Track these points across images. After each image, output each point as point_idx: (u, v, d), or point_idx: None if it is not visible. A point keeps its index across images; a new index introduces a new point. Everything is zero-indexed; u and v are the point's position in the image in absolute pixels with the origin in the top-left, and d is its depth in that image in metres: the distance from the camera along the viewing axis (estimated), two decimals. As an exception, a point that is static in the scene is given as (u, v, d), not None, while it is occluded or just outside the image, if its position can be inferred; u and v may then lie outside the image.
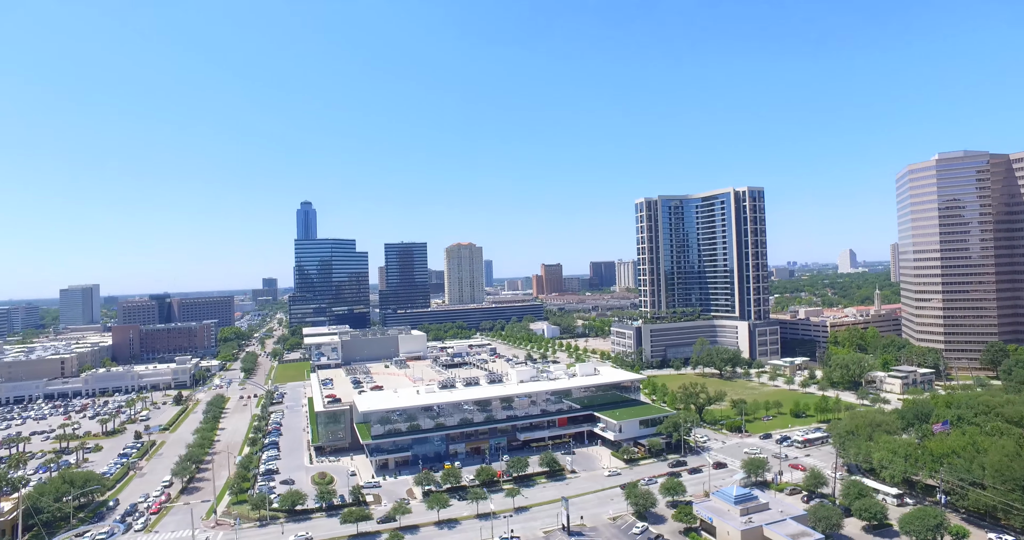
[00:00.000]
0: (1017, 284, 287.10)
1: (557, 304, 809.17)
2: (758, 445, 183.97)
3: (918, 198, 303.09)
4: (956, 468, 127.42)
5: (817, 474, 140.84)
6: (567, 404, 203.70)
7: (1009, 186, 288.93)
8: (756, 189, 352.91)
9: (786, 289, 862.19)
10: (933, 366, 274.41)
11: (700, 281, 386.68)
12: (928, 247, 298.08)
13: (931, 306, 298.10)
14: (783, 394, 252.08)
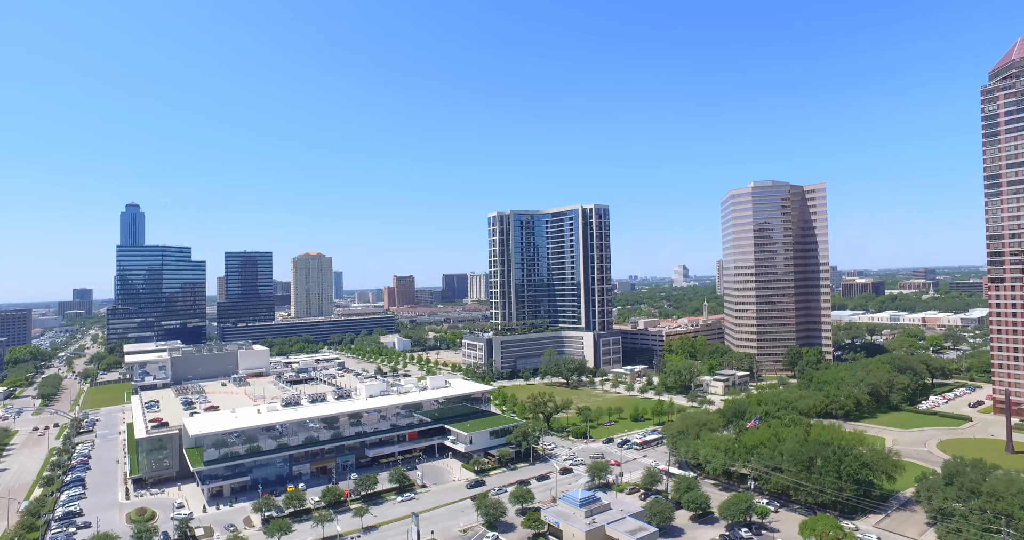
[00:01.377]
0: (810, 296, 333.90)
1: (409, 317, 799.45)
2: (602, 449, 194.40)
3: (738, 220, 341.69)
4: (762, 457, 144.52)
5: (653, 473, 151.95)
6: (418, 418, 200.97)
7: (803, 213, 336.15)
8: (602, 207, 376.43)
9: (628, 301, 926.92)
10: (749, 369, 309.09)
11: (549, 294, 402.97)
12: (745, 264, 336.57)
13: (747, 316, 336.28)
14: (624, 400, 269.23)
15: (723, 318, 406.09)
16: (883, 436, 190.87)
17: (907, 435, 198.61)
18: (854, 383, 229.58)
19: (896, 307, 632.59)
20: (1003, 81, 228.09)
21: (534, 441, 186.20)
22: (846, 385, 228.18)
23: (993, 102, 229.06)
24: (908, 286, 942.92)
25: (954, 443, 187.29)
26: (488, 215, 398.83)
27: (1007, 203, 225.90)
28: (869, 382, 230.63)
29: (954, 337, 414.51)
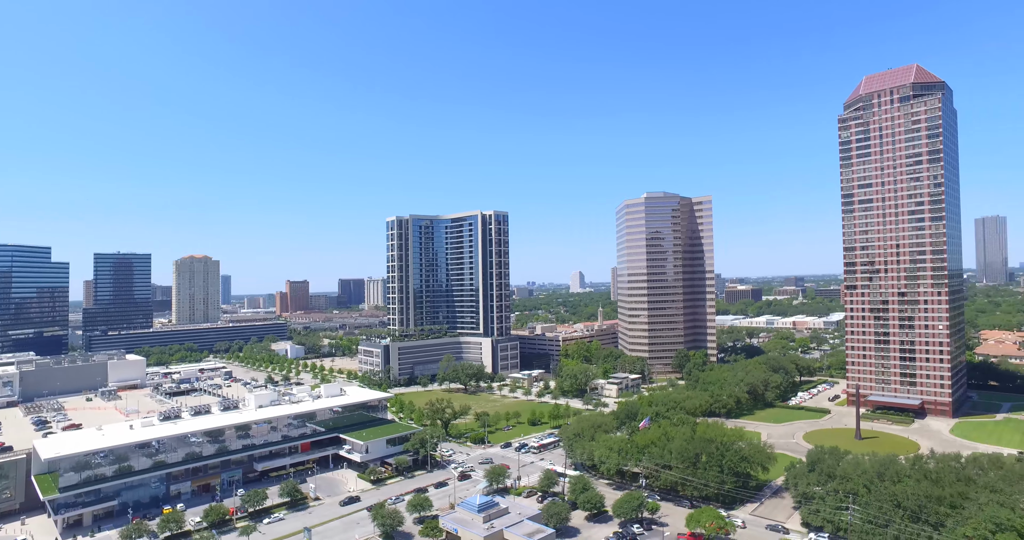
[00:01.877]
0: (697, 302, 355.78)
1: (303, 323, 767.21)
2: (500, 454, 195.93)
3: (632, 229, 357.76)
4: (653, 455, 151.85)
5: (550, 475, 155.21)
6: (311, 428, 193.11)
7: (691, 223, 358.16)
8: (501, 213, 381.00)
9: (526, 307, 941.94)
10: (641, 372, 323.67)
11: (448, 299, 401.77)
12: (638, 271, 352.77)
13: (640, 321, 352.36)
14: (522, 404, 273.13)
15: (617, 323, 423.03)
16: (759, 431, 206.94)
17: (779, 429, 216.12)
18: (735, 383, 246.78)
19: (771, 312, 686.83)
20: (854, 112, 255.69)
21: (432, 448, 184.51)
22: (728, 385, 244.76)
23: (847, 130, 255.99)
24: (781, 292, 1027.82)
25: (816, 434, 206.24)
26: (386, 219, 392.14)
27: (858, 219, 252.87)
28: (748, 382, 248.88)
29: (818, 338, 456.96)
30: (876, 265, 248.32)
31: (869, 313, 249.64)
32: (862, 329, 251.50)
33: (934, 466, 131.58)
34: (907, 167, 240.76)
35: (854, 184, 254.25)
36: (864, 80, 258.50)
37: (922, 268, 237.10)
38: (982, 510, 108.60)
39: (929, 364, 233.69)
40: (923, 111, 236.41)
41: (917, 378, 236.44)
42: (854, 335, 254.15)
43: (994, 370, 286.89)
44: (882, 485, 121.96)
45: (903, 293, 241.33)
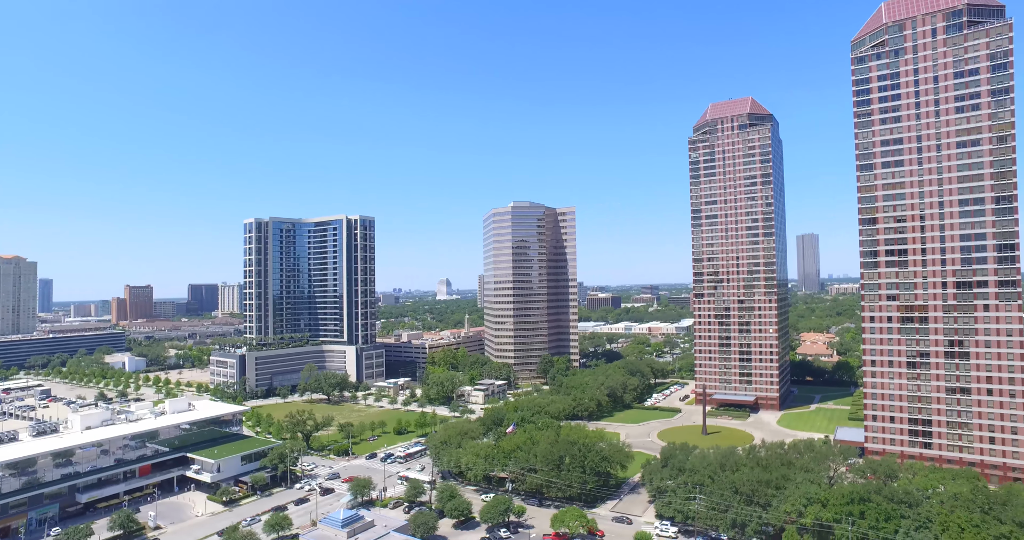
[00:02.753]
0: (560, 309, 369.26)
1: (145, 332, 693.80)
2: (365, 465, 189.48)
3: (499, 237, 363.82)
4: (519, 460, 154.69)
5: (416, 485, 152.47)
6: (153, 448, 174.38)
7: (556, 233, 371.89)
8: (368, 218, 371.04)
9: (392, 314, 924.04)
10: (507, 378, 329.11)
11: (310, 306, 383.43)
12: (505, 278, 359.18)
13: (506, 328, 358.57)
14: (388, 414, 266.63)
15: (484, 330, 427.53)
16: (619, 431, 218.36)
17: (636, 429, 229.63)
18: (596, 387, 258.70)
19: (629, 318, 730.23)
20: (701, 135, 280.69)
21: (292, 462, 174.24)
22: (590, 389, 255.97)
23: (696, 151, 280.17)
24: (639, 300, 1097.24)
25: (669, 432, 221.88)
26: (244, 221, 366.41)
27: (705, 233, 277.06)
28: (608, 385, 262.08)
29: (671, 343, 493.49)
30: (720, 275, 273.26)
31: (714, 319, 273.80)
32: (708, 333, 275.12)
33: (764, 454, 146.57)
34: (744, 188, 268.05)
35: (702, 201, 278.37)
36: (710, 107, 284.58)
37: (757, 278, 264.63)
38: (798, 488, 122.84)
39: (762, 364, 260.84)
40: (757, 139, 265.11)
41: (752, 377, 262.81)
42: (701, 339, 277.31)
43: (810, 367, 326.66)
44: (723, 475, 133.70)
45: (742, 301, 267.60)
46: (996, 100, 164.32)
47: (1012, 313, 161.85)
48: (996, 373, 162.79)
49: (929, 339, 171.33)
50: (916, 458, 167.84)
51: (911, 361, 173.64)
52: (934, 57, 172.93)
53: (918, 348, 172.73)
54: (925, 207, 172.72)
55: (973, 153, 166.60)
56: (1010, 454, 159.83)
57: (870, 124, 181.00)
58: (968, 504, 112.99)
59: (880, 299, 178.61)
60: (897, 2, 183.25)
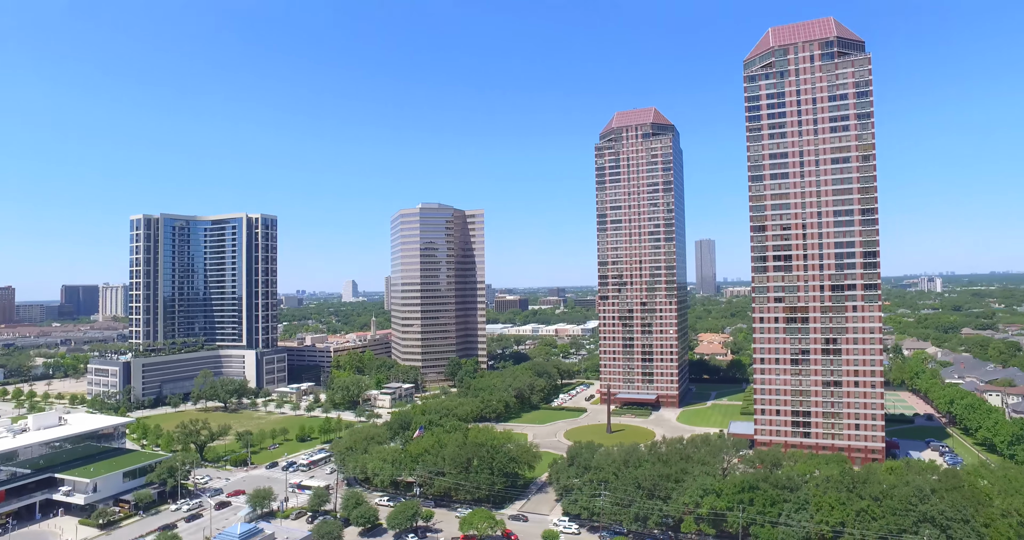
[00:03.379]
0: (468, 312, 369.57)
1: (5, 339, 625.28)
2: (265, 475, 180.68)
3: (407, 239, 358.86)
4: (427, 463, 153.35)
5: (321, 493, 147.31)
6: (9, 471, 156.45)
7: (464, 235, 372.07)
8: (270, 217, 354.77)
9: (295, 317, 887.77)
10: (414, 381, 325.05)
11: (206, 309, 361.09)
12: (412, 280, 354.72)
13: (413, 330, 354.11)
14: (290, 420, 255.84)
15: (391, 333, 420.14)
16: (526, 432, 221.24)
17: (544, 429, 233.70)
18: (504, 388, 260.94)
19: (537, 320, 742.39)
20: (607, 142, 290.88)
21: (184, 476, 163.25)
22: (498, 390, 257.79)
23: (602, 157, 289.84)
24: (546, 302, 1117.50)
25: (575, 431, 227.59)
26: (131, 217, 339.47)
27: (610, 237, 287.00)
28: (516, 386, 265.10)
29: (577, 344, 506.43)
30: (624, 278, 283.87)
31: (618, 320, 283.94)
32: (612, 335, 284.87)
33: (665, 450, 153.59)
34: (647, 194, 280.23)
35: (607, 206, 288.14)
36: (616, 115, 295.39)
37: (658, 281, 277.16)
38: (695, 480, 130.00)
39: (663, 364, 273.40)
40: (659, 147, 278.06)
41: (654, 376, 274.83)
42: (606, 340, 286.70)
43: (707, 365, 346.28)
44: (627, 471, 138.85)
45: (644, 303, 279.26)
46: (861, 123, 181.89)
47: (874, 313, 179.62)
48: (862, 367, 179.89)
49: (809, 337, 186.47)
50: (797, 447, 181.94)
51: (794, 358, 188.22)
52: (813, 81, 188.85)
53: (800, 346, 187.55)
54: (806, 217, 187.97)
55: (844, 169, 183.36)
56: (870, 438, 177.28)
57: (760, 138, 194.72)
58: (837, 485, 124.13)
59: (769, 301, 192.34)
60: (782, 29, 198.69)
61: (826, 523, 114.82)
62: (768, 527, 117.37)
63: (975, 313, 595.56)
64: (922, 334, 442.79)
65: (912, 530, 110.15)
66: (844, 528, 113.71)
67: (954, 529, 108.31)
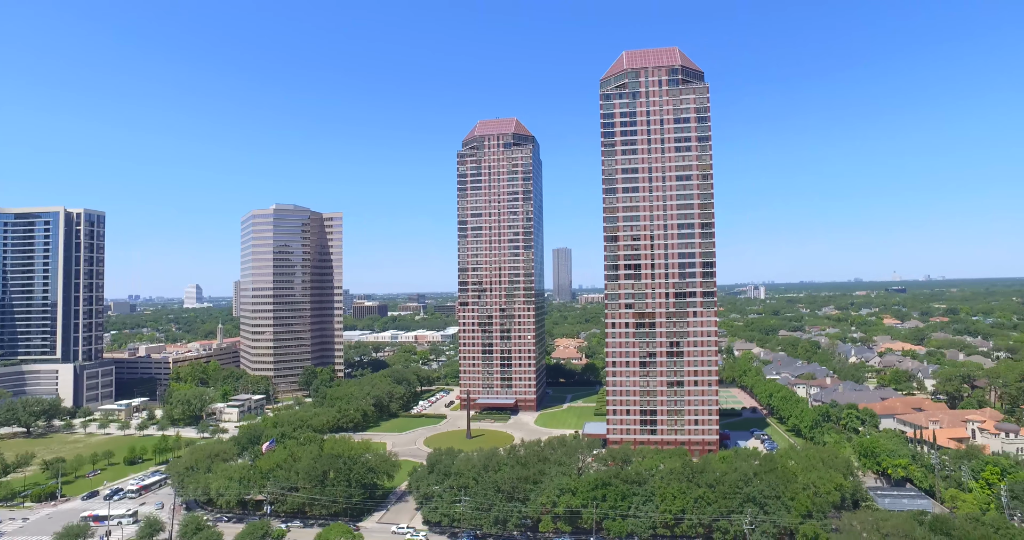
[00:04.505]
0: (325, 318, 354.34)
1: None
2: (81, 508, 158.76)
3: (259, 241, 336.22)
4: (279, 479, 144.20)
5: (153, 521, 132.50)
6: None
7: (322, 238, 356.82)
8: (95, 213, 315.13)
9: (126, 325, 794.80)
10: (265, 392, 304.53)
11: (7, 316, 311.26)
12: (264, 285, 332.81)
13: (265, 338, 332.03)
14: (118, 441, 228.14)
15: (240, 341, 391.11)
16: (385, 441, 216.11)
17: (403, 437, 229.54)
18: (362, 397, 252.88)
19: (396, 327, 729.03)
20: (470, 150, 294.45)
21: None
22: (356, 399, 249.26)
23: (464, 165, 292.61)
24: (406, 308, 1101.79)
25: (436, 438, 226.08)
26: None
27: (470, 244, 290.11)
28: (374, 395, 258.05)
29: (437, 351, 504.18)
30: (483, 285, 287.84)
31: (478, 326, 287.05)
32: (472, 340, 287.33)
33: (523, 453, 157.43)
34: (508, 202, 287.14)
35: (468, 213, 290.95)
36: (478, 124, 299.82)
37: (517, 288, 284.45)
38: (552, 481, 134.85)
39: (521, 368, 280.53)
40: (520, 157, 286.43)
41: (513, 381, 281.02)
42: (465, 346, 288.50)
43: (563, 369, 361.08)
44: (487, 475, 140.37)
45: (503, 309, 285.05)
46: (701, 145, 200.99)
47: (711, 318, 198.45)
48: (700, 367, 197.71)
49: (656, 341, 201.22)
50: (645, 443, 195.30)
51: (642, 361, 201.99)
52: (660, 104, 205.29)
53: (648, 349, 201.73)
54: (654, 229, 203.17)
55: (686, 186, 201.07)
56: (707, 432, 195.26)
57: (614, 154, 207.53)
58: (679, 476, 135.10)
59: (620, 307, 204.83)
60: (635, 53, 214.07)
61: (669, 511, 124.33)
62: (619, 520, 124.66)
63: (789, 317, 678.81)
64: (749, 336, 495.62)
65: (739, 510, 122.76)
66: (684, 514, 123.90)
67: (770, 505, 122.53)
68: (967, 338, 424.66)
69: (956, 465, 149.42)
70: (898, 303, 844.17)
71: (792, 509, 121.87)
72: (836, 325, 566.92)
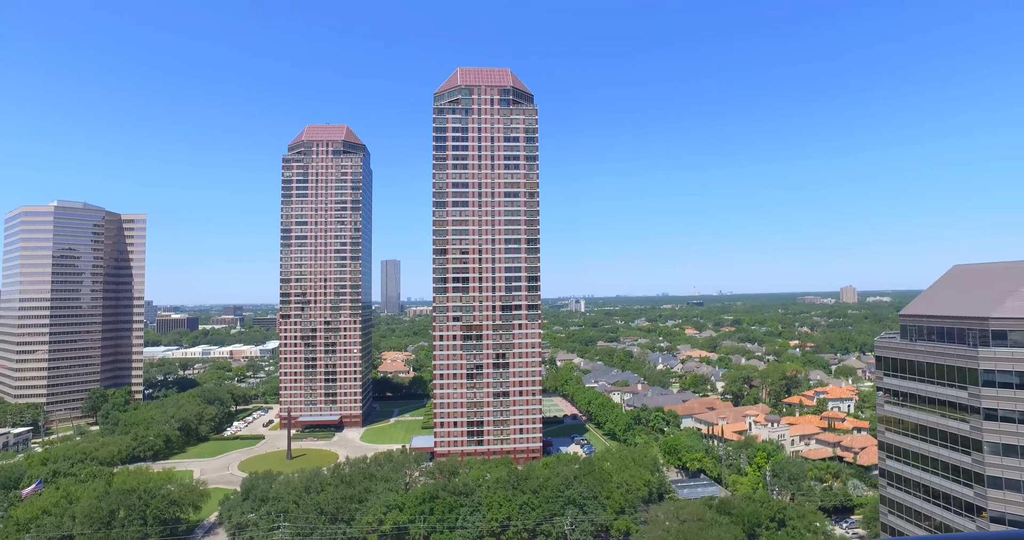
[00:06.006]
0: (120, 333, 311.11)
1: None
2: None
3: (32, 243, 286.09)
4: (47, 528, 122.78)
5: None
6: None
7: (119, 242, 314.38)
8: None
9: None
10: (33, 423, 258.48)
11: None
12: (37, 295, 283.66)
13: (36, 358, 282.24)
14: None
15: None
16: (192, 469, 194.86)
17: (214, 463, 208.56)
18: (165, 420, 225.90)
19: (208, 341, 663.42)
20: (296, 155, 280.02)
21: None
22: (157, 423, 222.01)
23: (290, 170, 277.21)
24: (220, 321, 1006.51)
25: (252, 461, 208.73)
26: None
27: (295, 253, 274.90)
28: (180, 417, 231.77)
29: (255, 366, 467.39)
30: (308, 296, 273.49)
31: (300, 340, 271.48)
32: (294, 355, 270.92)
33: (348, 471, 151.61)
34: (336, 212, 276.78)
35: (293, 221, 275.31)
36: (307, 128, 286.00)
37: (344, 300, 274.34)
38: (379, 498, 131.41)
39: (347, 383, 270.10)
40: (349, 166, 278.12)
41: (338, 396, 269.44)
42: (287, 361, 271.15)
43: (390, 383, 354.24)
44: (309, 497, 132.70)
45: (329, 322, 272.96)
46: (528, 164, 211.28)
47: (535, 330, 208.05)
48: (525, 377, 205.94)
49: (483, 353, 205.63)
50: (472, 454, 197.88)
51: (469, 372, 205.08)
52: (492, 122, 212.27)
53: (474, 361, 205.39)
54: (483, 243, 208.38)
55: (514, 203, 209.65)
56: (531, 440, 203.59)
57: (445, 168, 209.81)
58: (504, 484, 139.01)
59: (448, 320, 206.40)
60: (469, 71, 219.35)
61: (496, 520, 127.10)
62: (447, 532, 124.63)
63: (606, 329, 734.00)
64: (570, 347, 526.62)
65: (560, 513, 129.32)
66: (510, 521, 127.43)
67: (588, 505, 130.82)
68: (748, 345, 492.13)
69: (737, 454, 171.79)
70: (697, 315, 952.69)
71: (608, 507, 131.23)
72: (647, 335, 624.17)
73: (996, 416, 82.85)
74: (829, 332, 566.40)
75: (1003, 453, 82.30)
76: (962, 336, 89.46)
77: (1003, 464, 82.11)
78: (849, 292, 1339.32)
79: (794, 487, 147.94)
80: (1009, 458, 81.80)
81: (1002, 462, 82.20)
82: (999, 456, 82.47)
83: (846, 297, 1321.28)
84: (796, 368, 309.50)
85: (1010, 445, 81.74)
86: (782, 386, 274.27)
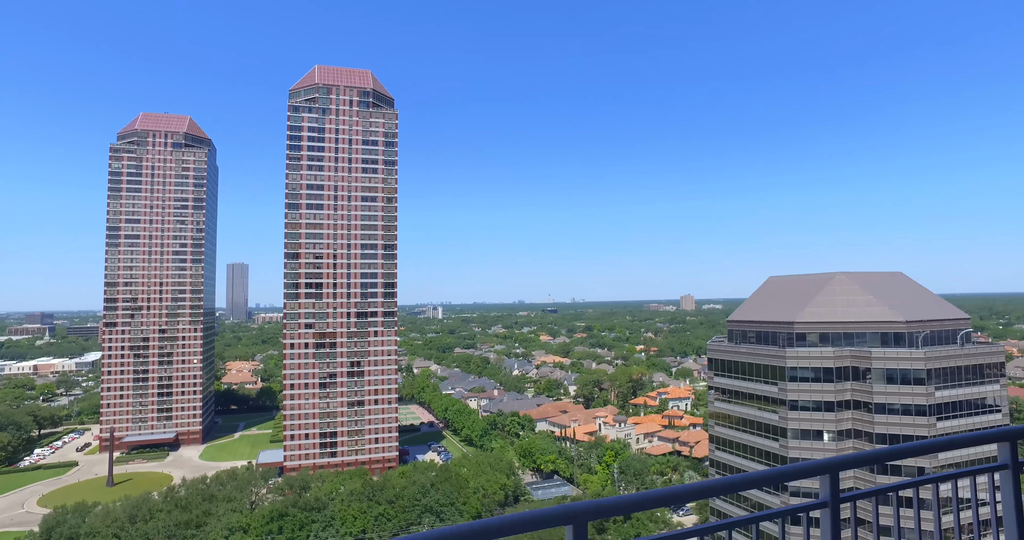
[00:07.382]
0: None
1: None
2: None
3: None
4: None
5: None
6: None
7: None
8: None
9: None
10: None
11: None
12: None
13: None
14: None
15: None
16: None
17: (4, 501, 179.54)
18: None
19: (5, 356, 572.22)
20: (127, 145, 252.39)
21: None
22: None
23: (119, 161, 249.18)
24: (21, 332, 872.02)
25: (59, 493, 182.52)
26: None
27: (124, 254, 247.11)
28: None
29: (68, 382, 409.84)
30: (139, 302, 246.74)
31: (129, 351, 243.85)
32: (120, 368, 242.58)
33: (184, 493, 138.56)
34: (175, 210, 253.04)
35: (122, 218, 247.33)
36: (141, 116, 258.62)
37: (183, 306, 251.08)
38: (220, 520, 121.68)
39: (184, 397, 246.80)
40: (192, 161, 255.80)
41: (174, 412, 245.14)
42: (111, 375, 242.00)
43: (235, 395, 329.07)
44: (134, 528, 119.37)
45: (164, 330, 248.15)
46: (387, 168, 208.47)
47: (391, 337, 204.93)
48: (381, 386, 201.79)
49: (337, 362, 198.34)
50: (326, 467, 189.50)
51: (323, 382, 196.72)
52: (350, 123, 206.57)
53: (328, 370, 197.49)
54: (338, 248, 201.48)
55: (371, 208, 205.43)
56: (387, 449, 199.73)
57: (299, 168, 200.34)
58: (359, 496, 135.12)
59: (300, 327, 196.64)
60: (328, 69, 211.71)
61: (350, 533, 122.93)
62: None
63: (464, 335, 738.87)
64: (428, 354, 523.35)
65: (417, 522, 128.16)
66: (365, 534, 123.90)
67: (445, 512, 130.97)
68: (598, 350, 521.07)
69: (588, 454, 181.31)
70: (552, 322, 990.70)
71: (465, 513, 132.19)
72: (503, 342, 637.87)
73: (797, 406, 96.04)
74: (671, 337, 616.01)
75: (800, 437, 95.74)
76: (775, 338, 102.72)
77: (800, 446, 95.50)
78: (688, 300, 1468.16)
79: (639, 482, 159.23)
80: (804, 441, 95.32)
81: (799, 445, 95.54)
82: (798, 440, 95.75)
83: (685, 305, 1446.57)
84: (641, 371, 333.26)
85: (806, 430, 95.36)
86: (629, 388, 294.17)
